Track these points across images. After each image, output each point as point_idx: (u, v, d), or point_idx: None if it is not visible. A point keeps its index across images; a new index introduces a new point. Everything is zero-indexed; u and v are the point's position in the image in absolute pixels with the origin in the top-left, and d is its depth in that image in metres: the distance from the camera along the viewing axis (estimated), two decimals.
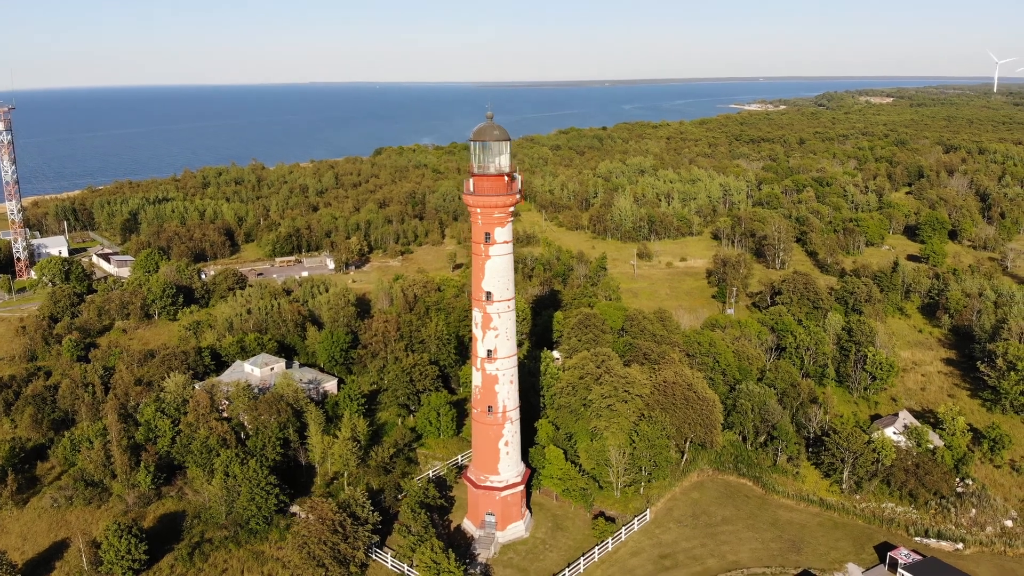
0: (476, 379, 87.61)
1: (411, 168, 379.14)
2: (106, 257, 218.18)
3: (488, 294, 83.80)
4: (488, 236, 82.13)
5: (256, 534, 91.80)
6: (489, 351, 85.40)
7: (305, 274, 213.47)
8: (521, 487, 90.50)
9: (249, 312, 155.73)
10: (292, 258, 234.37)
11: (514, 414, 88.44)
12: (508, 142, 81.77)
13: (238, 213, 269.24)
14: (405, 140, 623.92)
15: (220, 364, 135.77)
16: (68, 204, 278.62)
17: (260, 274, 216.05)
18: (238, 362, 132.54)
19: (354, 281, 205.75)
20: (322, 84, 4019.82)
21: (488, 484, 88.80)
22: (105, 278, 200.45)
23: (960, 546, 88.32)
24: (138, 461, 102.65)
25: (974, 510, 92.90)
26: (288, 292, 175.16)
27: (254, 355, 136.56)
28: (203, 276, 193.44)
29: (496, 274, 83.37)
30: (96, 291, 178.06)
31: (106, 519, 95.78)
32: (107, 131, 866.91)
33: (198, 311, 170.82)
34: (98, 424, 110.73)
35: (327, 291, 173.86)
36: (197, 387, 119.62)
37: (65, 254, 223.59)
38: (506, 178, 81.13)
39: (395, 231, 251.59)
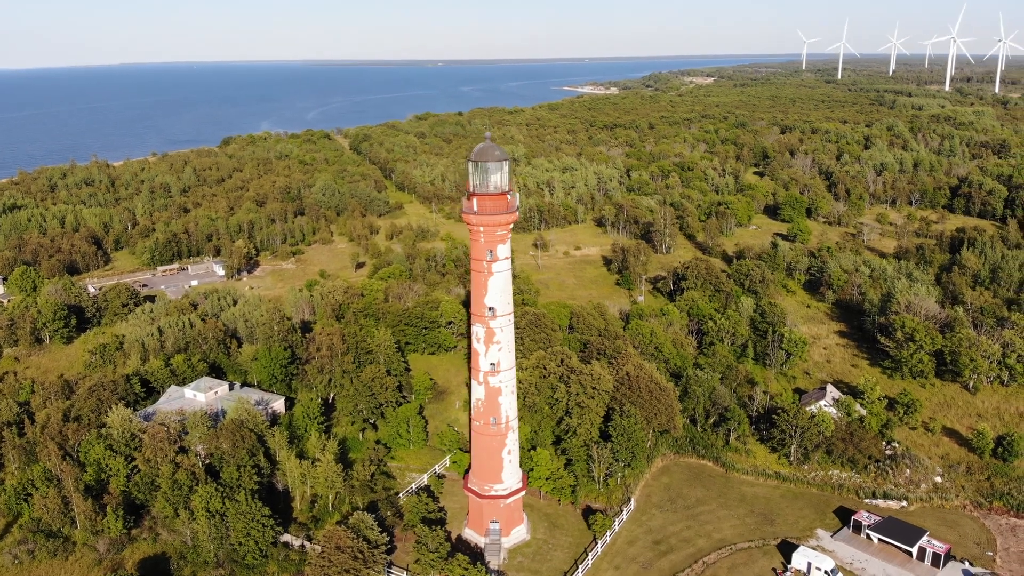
0: (478, 392, 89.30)
1: (274, 160, 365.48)
2: None
3: (491, 309, 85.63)
4: (491, 253, 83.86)
5: (254, 569, 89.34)
6: (493, 364, 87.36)
7: (195, 283, 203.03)
8: (523, 492, 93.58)
9: (162, 332, 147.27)
10: (175, 266, 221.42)
11: (515, 423, 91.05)
12: (507, 161, 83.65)
13: (102, 219, 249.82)
14: (247, 126, 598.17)
15: (149, 391, 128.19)
16: None
17: (144, 285, 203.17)
18: (174, 387, 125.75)
19: (252, 288, 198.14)
20: (133, 64, 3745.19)
21: (493, 493, 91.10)
22: None
23: (904, 503, 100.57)
24: (101, 506, 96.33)
25: (908, 471, 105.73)
26: (195, 306, 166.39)
27: (185, 379, 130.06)
28: (91, 291, 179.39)
29: (498, 289, 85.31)
30: None
31: (79, 571, 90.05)
32: None
33: (99, 332, 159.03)
34: (36, 467, 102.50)
35: (235, 303, 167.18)
36: (136, 418, 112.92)
37: None
38: (508, 196, 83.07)
39: (281, 231, 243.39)
